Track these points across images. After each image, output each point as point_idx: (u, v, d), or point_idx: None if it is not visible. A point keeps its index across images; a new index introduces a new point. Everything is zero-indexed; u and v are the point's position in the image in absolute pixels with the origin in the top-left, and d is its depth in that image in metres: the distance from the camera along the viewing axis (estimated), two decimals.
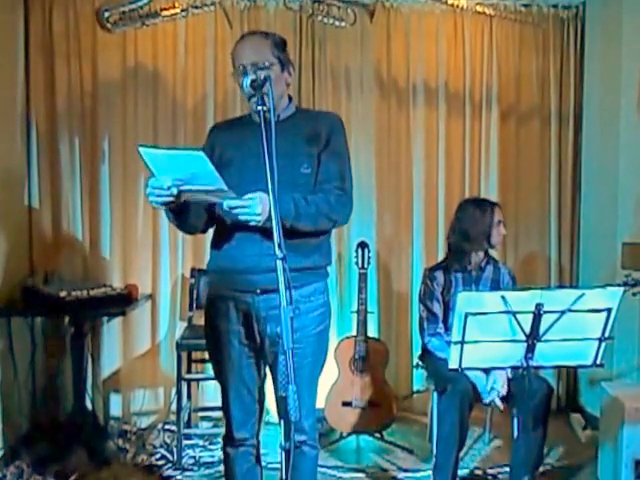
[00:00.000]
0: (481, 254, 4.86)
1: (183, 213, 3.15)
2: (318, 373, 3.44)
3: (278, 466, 2.77)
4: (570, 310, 3.29)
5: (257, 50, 3.21)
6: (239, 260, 3.22)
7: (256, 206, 2.84)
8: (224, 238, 3.29)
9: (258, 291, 3.21)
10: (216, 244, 3.38)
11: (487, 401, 4.48)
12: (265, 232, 3.01)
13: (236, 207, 2.86)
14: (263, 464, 3.68)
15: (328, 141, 3.31)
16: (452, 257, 4.95)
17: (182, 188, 2.89)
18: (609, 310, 3.30)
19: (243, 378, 3.39)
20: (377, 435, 5.47)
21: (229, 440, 3.52)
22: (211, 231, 3.47)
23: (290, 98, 3.45)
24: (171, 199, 2.92)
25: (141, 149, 2.80)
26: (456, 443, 4.30)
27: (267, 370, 3.47)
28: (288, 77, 3.34)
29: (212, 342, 3.45)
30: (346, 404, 5.31)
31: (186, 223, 3.28)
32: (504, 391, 4.42)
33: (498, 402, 4.44)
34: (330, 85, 6.07)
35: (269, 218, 2.81)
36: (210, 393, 5.83)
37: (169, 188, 2.87)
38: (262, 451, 3.66)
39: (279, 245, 2.64)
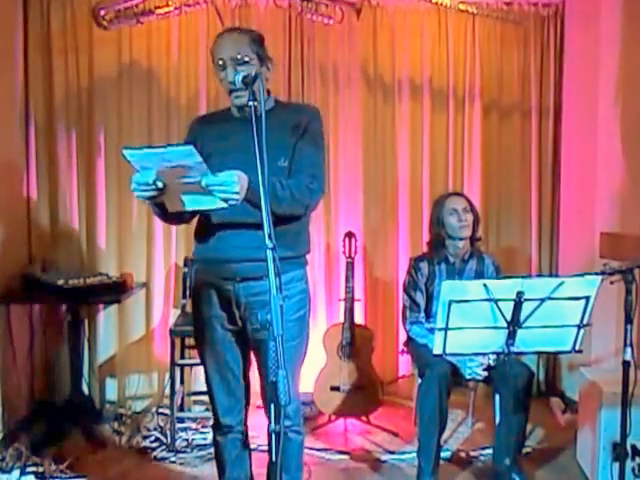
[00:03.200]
0: (461, 245, 4.81)
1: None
2: (299, 359, 3.38)
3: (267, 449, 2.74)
4: (550, 298, 3.26)
5: (236, 45, 3.17)
6: (221, 251, 3.21)
7: (234, 184, 2.80)
8: (207, 230, 3.28)
9: (238, 279, 3.20)
10: (200, 235, 3.36)
11: (468, 376, 4.47)
12: (245, 224, 3.06)
13: (213, 185, 2.81)
14: (254, 446, 3.65)
15: (305, 130, 3.27)
16: (432, 248, 4.94)
17: (167, 181, 2.84)
18: (587, 298, 3.28)
19: (227, 361, 3.37)
20: (364, 418, 5.45)
21: (217, 427, 3.52)
22: None
23: (269, 92, 3.41)
24: (156, 193, 2.88)
25: (125, 151, 2.75)
26: (437, 425, 4.26)
27: (252, 356, 3.45)
28: (267, 72, 3.29)
29: (197, 327, 3.44)
30: (334, 388, 5.28)
31: (172, 216, 3.23)
32: (485, 361, 4.42)
33: (479, 371, 4.42)
34: (318, 81, 6.03)
35: (247, 199, 2.84)
36: (202, 378, 5.72)
37: (154, 182, 2.82)
38: (254, 433, 3.63)
39: (269, 235, 2.59)
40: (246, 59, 3.15)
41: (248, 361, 3.46)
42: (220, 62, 3.18)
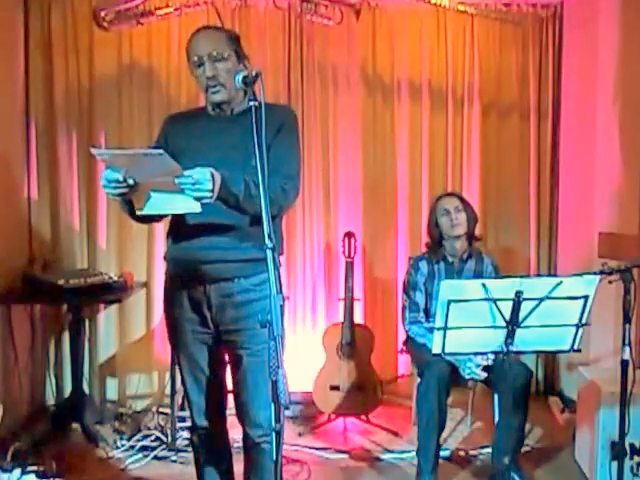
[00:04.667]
0: (458, 244, 4.82)
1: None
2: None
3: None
4: (548, 297, 3.24)
5: (213, 42, 3.13)
6: (192, 251, 3.14)
7: (207, 182, 2.71)
8: (179, 230, 3.21)
9: (209, 280, 3.14)
10: (171, 236, 3.29)
11: (467, 375, 4.45)
12: (217, 226, 3.03)
13: (186, 184, 2.71)
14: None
15: (279, 130, 3.18)
16: (430, 248, 4.95)
17: (138, 180, 2.79)
18: (586, 297, 3.25)
19: (199, 363, 3.29)
20: (363, 418, 5.44)
21: (194, 429, 3.45)
22: None
23: (254, 92, 3.34)
24: (126, 190, 2.81)
25: (94, 151, 2.71)
26: (437, 425, 4.26)
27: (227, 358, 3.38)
28: (244, 70, 3.17)
29: (169, 329, 3.37)
30: (333, 388, 5.27)
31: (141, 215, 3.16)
32: (484, 362, 4.40)
33: (478, 372, 4.40)
34: (318, 82, 6.02)
35: (219, 197, 2.78)
36: None
37: (125, 180, 2.76)
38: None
39: (269, 235, 2.56)
40: (225, 55, 3.10)
41: (221, 362, 3.38)
42: (195, 59, 3.13)
